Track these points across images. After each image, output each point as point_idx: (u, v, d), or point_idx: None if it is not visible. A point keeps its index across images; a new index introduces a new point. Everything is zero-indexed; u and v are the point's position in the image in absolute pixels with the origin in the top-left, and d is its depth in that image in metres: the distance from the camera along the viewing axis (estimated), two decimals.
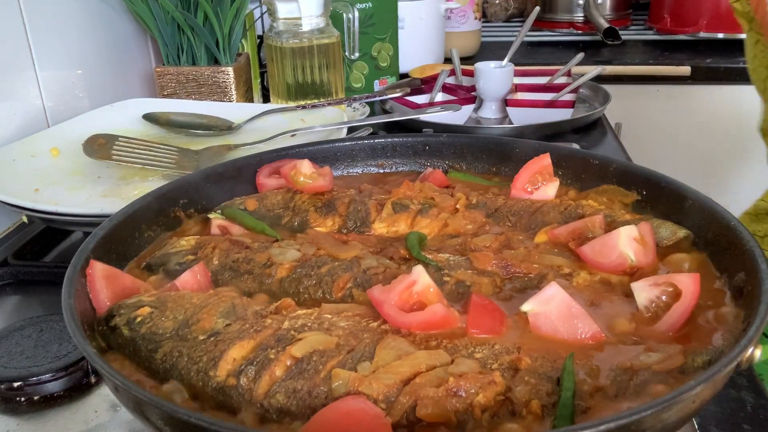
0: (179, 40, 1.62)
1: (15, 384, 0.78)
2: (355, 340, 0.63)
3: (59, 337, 0.84)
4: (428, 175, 1.01)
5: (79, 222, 1.03)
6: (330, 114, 1.43)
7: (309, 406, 0.57)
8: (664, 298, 0.69)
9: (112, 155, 1.18)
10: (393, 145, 1.07)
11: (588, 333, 0.65)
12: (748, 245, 0.70)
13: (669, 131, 2.23)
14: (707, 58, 2.18)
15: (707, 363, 0.61)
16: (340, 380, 0.58)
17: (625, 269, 0.76)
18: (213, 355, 0.62)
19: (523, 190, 0.93)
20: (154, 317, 0.67)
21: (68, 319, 0.63)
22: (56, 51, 1.43)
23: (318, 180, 0.95)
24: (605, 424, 0.49)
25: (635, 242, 0.77)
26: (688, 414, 0.55)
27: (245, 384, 0.59)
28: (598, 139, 1.67)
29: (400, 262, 0.78)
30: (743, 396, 0.77)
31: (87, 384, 0.80)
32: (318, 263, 0.77)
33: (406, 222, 0.88)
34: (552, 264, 0.77)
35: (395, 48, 1.90)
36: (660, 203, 0.86)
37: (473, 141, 1.07)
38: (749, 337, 0.57)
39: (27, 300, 1.04)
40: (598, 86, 1.90)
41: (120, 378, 0.56)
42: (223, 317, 0.66)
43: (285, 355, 0.61)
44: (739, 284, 0.70)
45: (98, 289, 0.71)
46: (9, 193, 1.06)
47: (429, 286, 0.68)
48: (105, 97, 1.53)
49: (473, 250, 0.80)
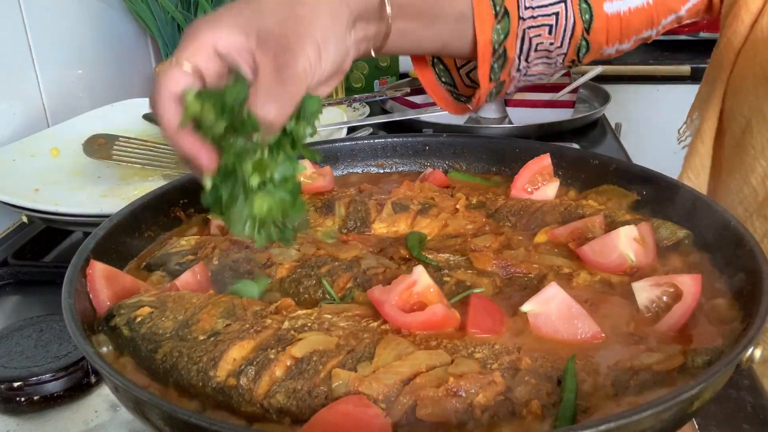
0: (179, 40, 1.61)
1: (15, 384, 0.78)
2: (355, 340, 0.63)
3: (59, 337, 0.84)
4: (428, 175, 1.01)
5: (79, 222, 1.03)
6: (330, 114, 1.43)
7: (309, 406, 0.57)
8: (665, 298, 0.69)
9: (112, 155, 1.18)
10: (393, 145, 1.07)
11: (588, 333, 0.65)
12: (748, 245, 0.70)
13: (669, 131, 2.23)
14: (707, 58, 2.18)
15: (707, 363, 0.61)
16: (340, 380, 0.58)
17: (625, 269, 0.76)
18: (213, 355, 0.62)
19: (523, 190, 0.93)
20: (154, 317, 0.67)
21: (68, 319, 0.63)
22: (56, 51, 1.43)
23: (318, 180, 0.95)
24: (605, 424, 0.49)
25: (635, 242, 0.77)
26: (688, 414, 0.56)
27: (245, 384, 0.59)
28: (598, 139, 1.67)
29: (400, 262, 0.78)
30: (743, 396, 0.77)
31: (87, 384, 0.80)
32: (318, 263, 0.77)
33: (406, 222, 0.88)
34: (552, 264, 0.77)
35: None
36: (660, 203, 0.86)
37: (473, 141, 1.07)
38: (749, 337, 0.57)
39: (27, 300, 1.05)
40: (598, 86, 1.90)
41: (120, 378, 0.56)
42: (223, 317, 0.66)
43: (285, 356, 0.61)
44: (739, 284, 0.70)
45: (98, 289, 0.71)
46: (9, 193, 1.06)
47: (429, 286, 0.68)
48: (105, 97, 1.53)
49: (473, 250, 0.80)
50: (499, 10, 0.90)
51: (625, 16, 0.94)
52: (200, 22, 0.66)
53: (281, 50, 0.63)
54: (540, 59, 0.96)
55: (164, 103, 0.62)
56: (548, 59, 0.97)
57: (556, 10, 0.92)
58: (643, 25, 0.97)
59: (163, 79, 0.63)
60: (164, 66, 0.65)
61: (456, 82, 1.03)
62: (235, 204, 0.64)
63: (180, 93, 0.62)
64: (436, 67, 1.02)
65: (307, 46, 0.65)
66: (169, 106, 0.62)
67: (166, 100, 0.62)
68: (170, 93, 0.62)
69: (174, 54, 0.65)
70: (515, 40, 0.92)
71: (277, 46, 0.64)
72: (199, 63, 0.64)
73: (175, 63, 0.64)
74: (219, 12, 0.67)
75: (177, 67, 0.63)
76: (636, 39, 0.99)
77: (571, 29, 0.93)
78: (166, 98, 0.62)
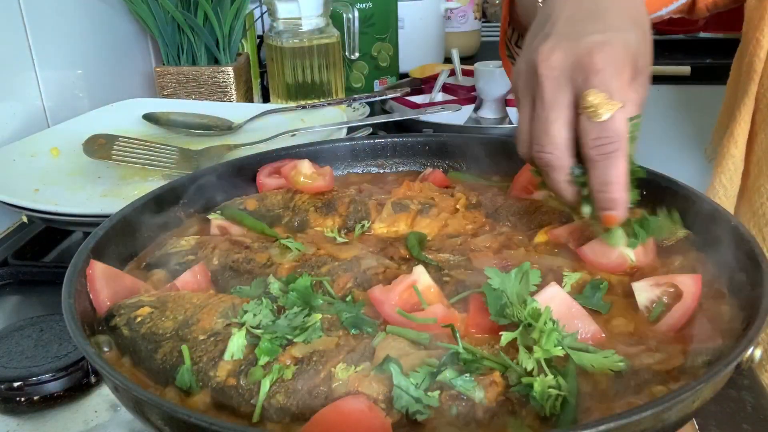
0: (179, 40, 1.62)
1: (15, 384, 0.77)
2: (355, 340, 0.63)
3: (59, 337, 0.84)
4: (428, 175, 1.01)
5: (79, 222, 1.03)
6: (330, 114, 1.43)
7: (309, 406, 0.57)
8: (665, 298, 0.69)
9: (112, 155, 1.18)
10: (393, 145, 1.07)
11: (588, 333, 0.65)
12: (749, 245, 0.70)
13: (669, 131, 2.23)
14: (707, 58, 2.18)
15: (707, 363, 0.61)
16: (340, 380, 0.58)
17: (625, 269, 0.76)
18: (213, 355, 0.62)
19: (523, 190, 0.93)
20: (154, 317, 0.67)
21: (68, 319, 0.63)
22: (56, 51, 1.43)
23: (318, 180, 0.95)
24: (605, 423, 0.49)
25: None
26: (688, 414, 0.55)
27: (245, 384, 0.59)
28: None
29: (400, 262, 0.78)
30: (743, 396, 0.77)
31: (87, 384, 0.80)
32: (318, 263, 0.77)
33: (406, 222, 0.88)
34: (552, 264, 0.77)
35: (395, 48, 1.90)
36: (660, 203, 0.86)
37: (473, 141, 1.07)
38: (749, 337, 0.57)
39: (27, 300, 1.04)
40: None
41: (120, 378, 0.56)
42: (223, 317, 0.66)
43: (285, 356, 0.61)
44: (739, 284, 0.70)
45: (98, 289, 0.71)
46: (9, 193, 1.06)
47: (429, 286, 0.68)
48: (105, 97, 1.53)
49: (473, 250, 0.80)
50: None
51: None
52: (606, 54, 0.66)
53: (645, 93, 0.70)
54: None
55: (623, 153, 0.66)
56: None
57: None
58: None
59: (618, 124, 0.65)
60: (604, 107, 0.65)
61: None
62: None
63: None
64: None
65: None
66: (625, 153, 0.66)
67: (624, 150, 0.66)
68: (627, 142, 0.65)
69: (603, 91, 0.65)
70: None
71: (644, 88, 0.70)
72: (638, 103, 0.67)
73: (614, 103, 0.65)
74: (605, 39, 0.66)
75: (624, 111, 0.65)
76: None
77: None
78: (625, 150, 0.66)
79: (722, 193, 1.09)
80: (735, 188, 1.10)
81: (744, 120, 1.06)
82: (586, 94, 0.65)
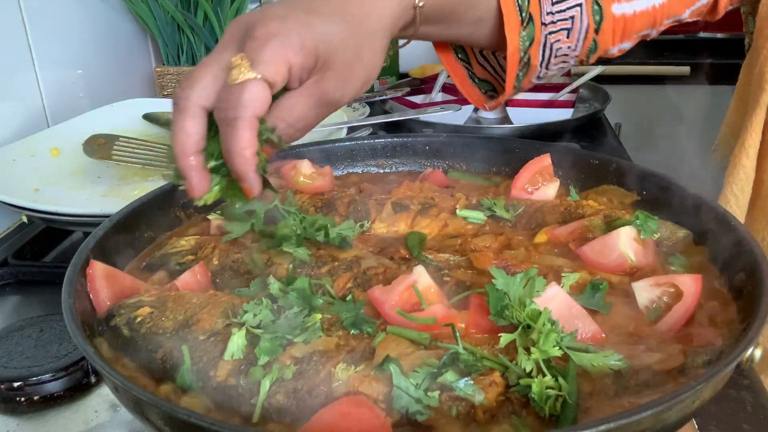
0: (179, 40, 1.62)
1: (15, 384, 0.78)
2: (355, 341, 0.63)
3: (59, 337, 0.84)
4: (428, 175, 1.01)
5: (79, 222, 1.03)
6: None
7: (309, 406, 0.57)
8: (665, 298, 0.69)
9: (112, 155, 1.18)
10: (393, 145, 1.07)
11: (588, 333, 0.65)
12: (748, 245, 0.70)
13: (669, 131, 2.23)
14: (707, 58, 2.18)
15: (707, 363, 0.61)
16: (340, 380, 0.58)
17: (625, 269, 0.76)
18: (213, 355, 0.62)
19: (523, 190, 0.93)
20: (154, 317, 0.67)
21: (68, 319, 0.63)
22: (56, 51, 1.43)
23: (318, 180, 0.95)
24: (605, 424, 0.49)
25: (635, 242, 0.77)
26: (688, 414, 0.55)
27: (245, 384, 0.59)
28: (598, 139, 1.67)
29: (400, 262, 0.78)
30: (743, 396, 0.77)
31: (87, 384, 0.80)
32: (318, 263, 0.77)
33: (406, 222, 0.88)
34: (552, 264, 0.77)
35: (395, 48, 1.90)
36: (660, 203, 0.86)
37: (473, 141, 1.07)
38: (749, 337, 0.57)
39: (27, 300, 1.05)
40: (598, 86, 1.90)
41: (120, 378, 0.56)
42: (223, 317, 0.66)
43: (285, 356, 0.61)
44: (739, 284, 0.70)
45: (98, 289, 0.71)
46: (9, 193, 1.06)
47: (429, 286, 0.68)
48: (105, 97, 1.53)
49: (473, 250, 0.80)
50: (524, 16, 0.90)
51: (629, 18, 0.94)
52: (272, 27, 0.63)
53: (333, 89, 0.66)
54: (557, 65, 0.96)
55: (245, 123, 0.61)
56: (564, 64, 0.97)
57: (573, 14, 0.92)
58: (645, 27, 0.97)
59: (245, 93, 0.61)
60: (239, 72, 0.62)
61: (470, 59, 1.03)
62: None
63: (259, 115, 0.61)
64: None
65: (359, 85, 0.69)
66: (250, 125, 0.61)
67: (248, 121, 0.61)
68: (253, 113, 0.61)
69: (248, 57, 0.62)
70: (538, 48, 0.92)
71: (332, 82, 0.66)
72: (276, 81, 0.63)
73: (251, 71, 0.62)
74: (287, 15, 0.65)
75: (260, 83, 0.61)
76: (636, 37, 0.99)
77: (585, 31, 0.93)
78: (248, 121, 0.61)
79: (734, 202, 1.09)
80: (746, 197, 1.10)
81: (755, 131, 1.05)
82: (234, 57, 0.63)
